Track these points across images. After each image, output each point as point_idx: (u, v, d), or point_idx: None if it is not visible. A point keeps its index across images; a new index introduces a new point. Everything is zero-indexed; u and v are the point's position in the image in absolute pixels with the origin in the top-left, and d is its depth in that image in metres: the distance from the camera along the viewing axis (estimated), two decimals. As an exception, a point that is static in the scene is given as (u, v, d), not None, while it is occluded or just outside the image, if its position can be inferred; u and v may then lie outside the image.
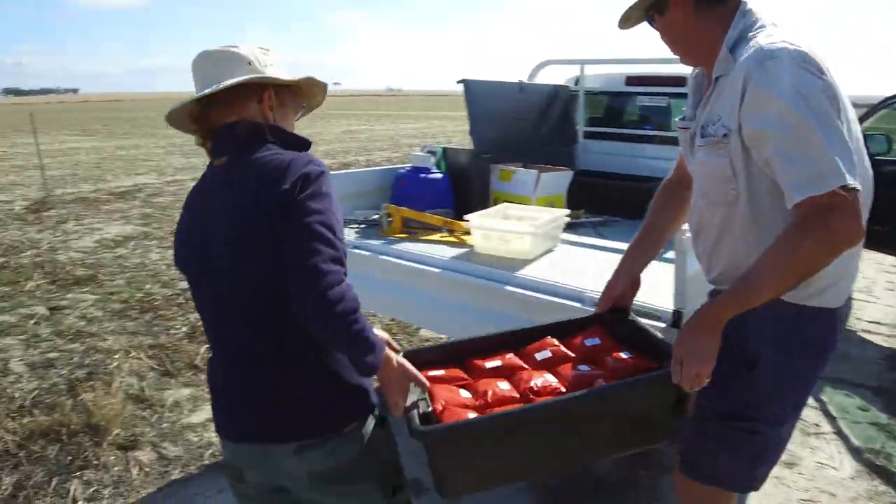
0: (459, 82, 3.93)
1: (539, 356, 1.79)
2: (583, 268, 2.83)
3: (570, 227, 3.57)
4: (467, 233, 3.20)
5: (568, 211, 3.30)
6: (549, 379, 1.68)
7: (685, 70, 1.95)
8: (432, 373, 1.71)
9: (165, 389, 3.99)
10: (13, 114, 52.26)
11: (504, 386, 1.66)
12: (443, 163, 4.02)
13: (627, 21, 1.74)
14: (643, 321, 1.91)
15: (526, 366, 1.77)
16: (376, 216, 3.59)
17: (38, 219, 9.27)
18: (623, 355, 1.74)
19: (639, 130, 4.72)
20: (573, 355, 1.79)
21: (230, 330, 1.52)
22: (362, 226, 3.63)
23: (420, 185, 3.83)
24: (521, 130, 4.37)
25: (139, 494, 2.99)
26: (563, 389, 1.64)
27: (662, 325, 2.21)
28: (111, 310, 5.41)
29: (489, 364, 1.77)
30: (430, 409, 1.58)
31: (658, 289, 2.30)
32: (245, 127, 1.49)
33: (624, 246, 2.07)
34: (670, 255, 2.18)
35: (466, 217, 3.15)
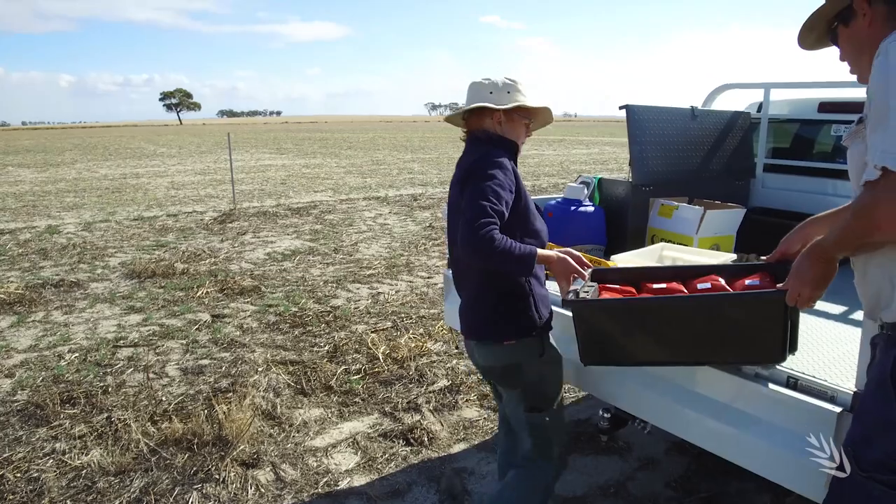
0: (622, 108, 3.59)
1: (700, 286, 2.09)
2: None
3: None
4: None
5: (734, 256, 2.84)
6: None
7: None
8: (608, 286, 2.20)
9: (297, 408, 3.97)
10: (223, 134, 58.26)
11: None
12: (597, 195, 3.69)
13: (808, 36, 1.71)
14: None
15: (686, 291, 2.09)
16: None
17: (222, 230, 10.00)
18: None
19: (830, 164, 4.08)
20: (730, 290, 2.04)
21: (454, 255, 2.30)
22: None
23: (570, 219, 3.54)
24: (690, 161, 3.93)
25: (250, 518, 2.93)
26: None
27: (837, 409, 1.78)
28: (266, 321, 5.59)
29: (656, 286, 2.15)
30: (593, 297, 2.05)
31: (836, 364, 1.87)
32: (480, 132, 2.28)
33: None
34: (858, 315, 1.75)
35: (615, 257, 2.82)
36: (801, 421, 1.89)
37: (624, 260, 2.76)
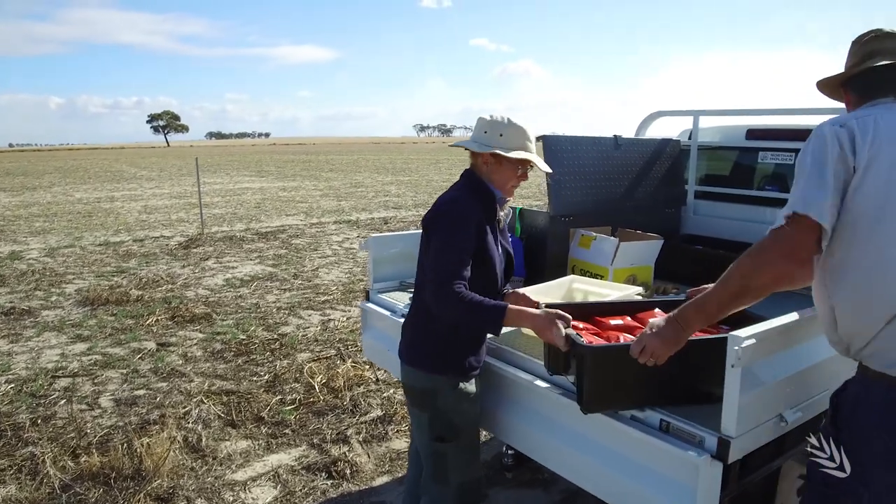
0: (538, 139, 3.59)
1: (652, 321, 2.07)
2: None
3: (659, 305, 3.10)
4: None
5: (639, 289, 2.84)
6: None
7: (817, 122, 1.83)
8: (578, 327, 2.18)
9: (224, 440, 3.92)
10: (209, 155, 58.14)
11: (629, 336, 2.12)
12: (518, 225, 3.69)
13: (824, 90, 1.99)
14: None
15: (642, 326, 2.16)
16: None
17: (186, 255, 9.95)
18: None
19: (759, 192, 4.11)
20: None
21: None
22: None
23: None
24: (614, 191, 3.94)
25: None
26: None
27: (700, 457, 1.77)
28: (211, 350, 5.55)
29: (613, 321, 2.23)
30: (583, 341, 1.96)
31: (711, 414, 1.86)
32: (469, 171, 2.33)
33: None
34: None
35: (522, 290, 2.79)
36: (673, 466, 1.88)
37: (532, 292, 2.74)
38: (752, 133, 4.16)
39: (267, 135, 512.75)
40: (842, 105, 1.95)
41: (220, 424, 4.13)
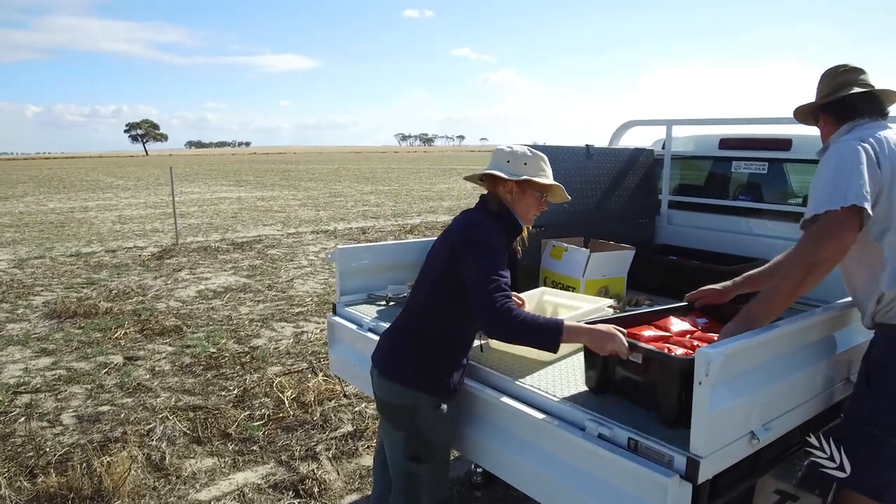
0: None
1: (674, 327, 2.34)
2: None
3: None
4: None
5: (610, 301, 2.79)
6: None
7: (792, 131, 2.30)
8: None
9: (189, 458, 3.81)
10: (188, 164, 57.65)
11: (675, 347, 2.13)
12: (490, 234, 3.62)
13: (800, 116, 2.39)
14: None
15: (669, 334, 2.26)
16: (405, 294, 3.26)
17: (159, 266, 9.78)
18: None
19: (733, 201, 4.09)
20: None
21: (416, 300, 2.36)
22: (390, 304, 3.30)
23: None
24: (586, 201, 3.90)
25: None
26: None
27: (668, 478, 1.71)
28: (180, 364, 5.41)
29: (646, 332, 2.25)
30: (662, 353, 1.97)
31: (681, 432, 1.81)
32: (489, 196, 2.30)
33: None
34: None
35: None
36: (641, 487, 1.82)
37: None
38: (726, 142, 4.14)
39: (247, 144, 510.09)
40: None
41: (186, 441, 4.01)
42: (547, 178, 2.30)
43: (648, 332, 2.26)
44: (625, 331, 2.06)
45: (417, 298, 2.30)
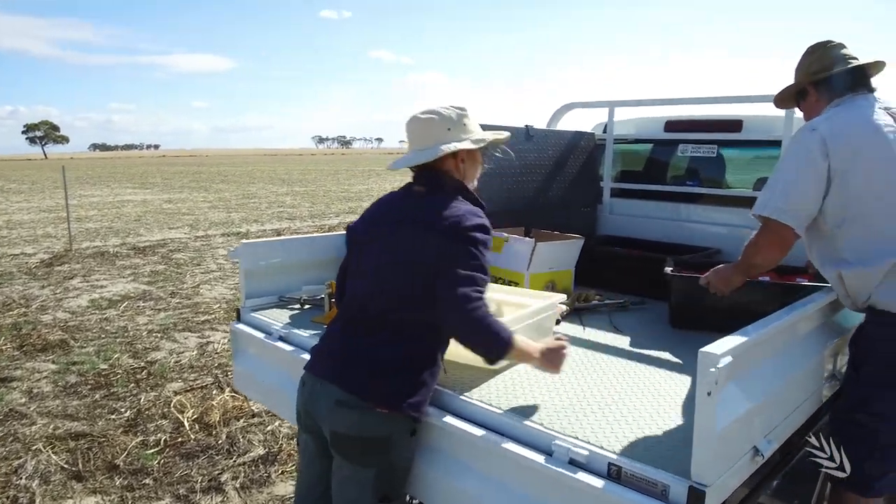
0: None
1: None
2: (568, 386, 1.94)
3: (576, 315, 2.68)
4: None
5: (562, 297, 2.39)
6: None
7: (741, 112, 2.02)
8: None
9: (65, 499, 3.18)
10: (90, 168, 54.66)
11: None
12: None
13: (780, 102, 2.39)
14: None
15: None
16: (323, 296, 2.77)
17: (48, 274, 8.83)
18: None
19: (680, 187, 3.80)
20: None
21: (361, 300, 1.93)
22: (306, 307, 2.81)
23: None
24: (526, 188, 3.53)
25: None
26: None
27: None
28: (63, 384, 4.71)
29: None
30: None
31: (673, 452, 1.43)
32: (439, 174, 1.91)
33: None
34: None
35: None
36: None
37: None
38: (672, 125, 3.85)
39: (157, 146, 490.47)
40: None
41: (63, 478, 3.37)
42: (498, 131, 2.06)
43: None
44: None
45: (382, 297, 1.82)
